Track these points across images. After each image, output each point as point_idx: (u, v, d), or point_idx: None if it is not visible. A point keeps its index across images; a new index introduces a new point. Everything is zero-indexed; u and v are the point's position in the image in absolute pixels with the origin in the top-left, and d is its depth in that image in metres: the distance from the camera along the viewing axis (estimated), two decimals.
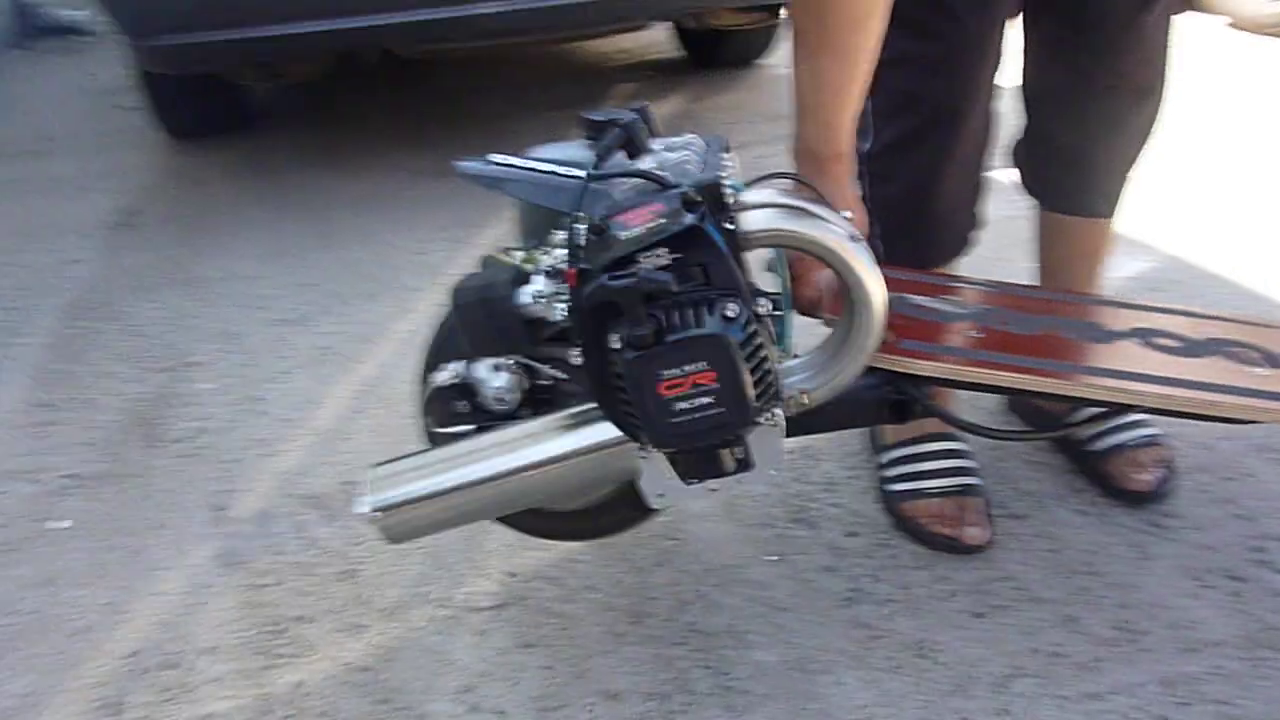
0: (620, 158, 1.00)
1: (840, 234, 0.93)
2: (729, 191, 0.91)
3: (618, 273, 0.85)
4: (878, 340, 0.98)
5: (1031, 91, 1.44)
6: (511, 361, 1.13)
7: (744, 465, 0.97)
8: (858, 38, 1.11)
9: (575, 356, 0.93)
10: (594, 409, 1.02)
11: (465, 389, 1.16)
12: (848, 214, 0.98)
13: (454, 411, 1.20)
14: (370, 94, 4.15)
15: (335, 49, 2.92)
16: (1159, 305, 1.28)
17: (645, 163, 1.01)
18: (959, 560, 1.38)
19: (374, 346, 2.07)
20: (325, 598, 1.39)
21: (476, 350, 1.02)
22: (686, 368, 0.86)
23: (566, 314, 0.95)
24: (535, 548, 1.45)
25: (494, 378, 1.13)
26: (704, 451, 0.95)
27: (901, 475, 1.47)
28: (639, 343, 0.86)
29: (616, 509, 1.22)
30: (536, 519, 1.23)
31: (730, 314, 0.86)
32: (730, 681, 1.21)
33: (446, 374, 1.15)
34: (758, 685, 1.20)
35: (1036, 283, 1.56)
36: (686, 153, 0.96)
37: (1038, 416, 1.58)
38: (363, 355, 2.04)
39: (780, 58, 4.21)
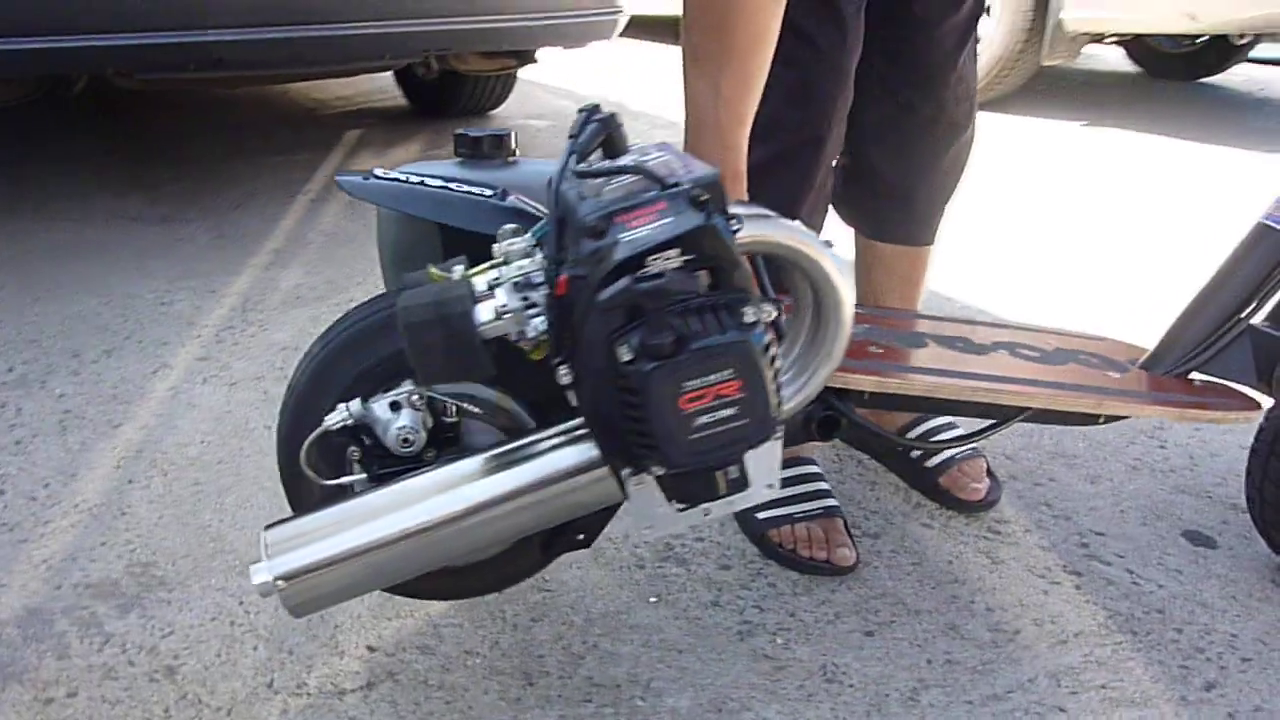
0: (596, 158, 0.90)
1: (819, 242, 0.90)
2: None
3: (638, 275, 0.76)
4: (845, 348, 0.95)
5: (857, 125, 1.51)
6: (414, 397, 1.00)
7: (739, 484, 0.89)
8: (758, 57, 1.11)
9: (564, 375, 0.83)
10: (547, 438, 0.92)
11: (360, 431, 1.01)
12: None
13: (342, 459, 1.04)
14: (71, 131, 3.66)
15: (43, 72, 2.53)
16: (999, 322, 1.37)
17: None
18: (834, 582, 1.38)
19: (131, 407, 1.78)
20: (141, 703, 1.15)
21: (426, 379, 0.88)
22: (711, 378, 0.78)
23: (546, 328, 0.85)
24: (390, 616, 1.29)
25: (397, 416, 0.99)
26: (702, 473, 0.87)
27: (765, 503, 1.45)
28: (658, 352, 0.77)
29: (522, 554, 1.10)
30: (434, 577, 1.08)
31: (749, 319, 0.79)
32: None
33: (338, 415, 0.99)
34: None
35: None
36: (665, 154, 0.89)
37: (876, 441, 1.64)
38: (117, 417, 1.74)
39: (512, 109, 4.21)
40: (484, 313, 0.87)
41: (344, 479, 1.04)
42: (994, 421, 1.22)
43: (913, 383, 1.11)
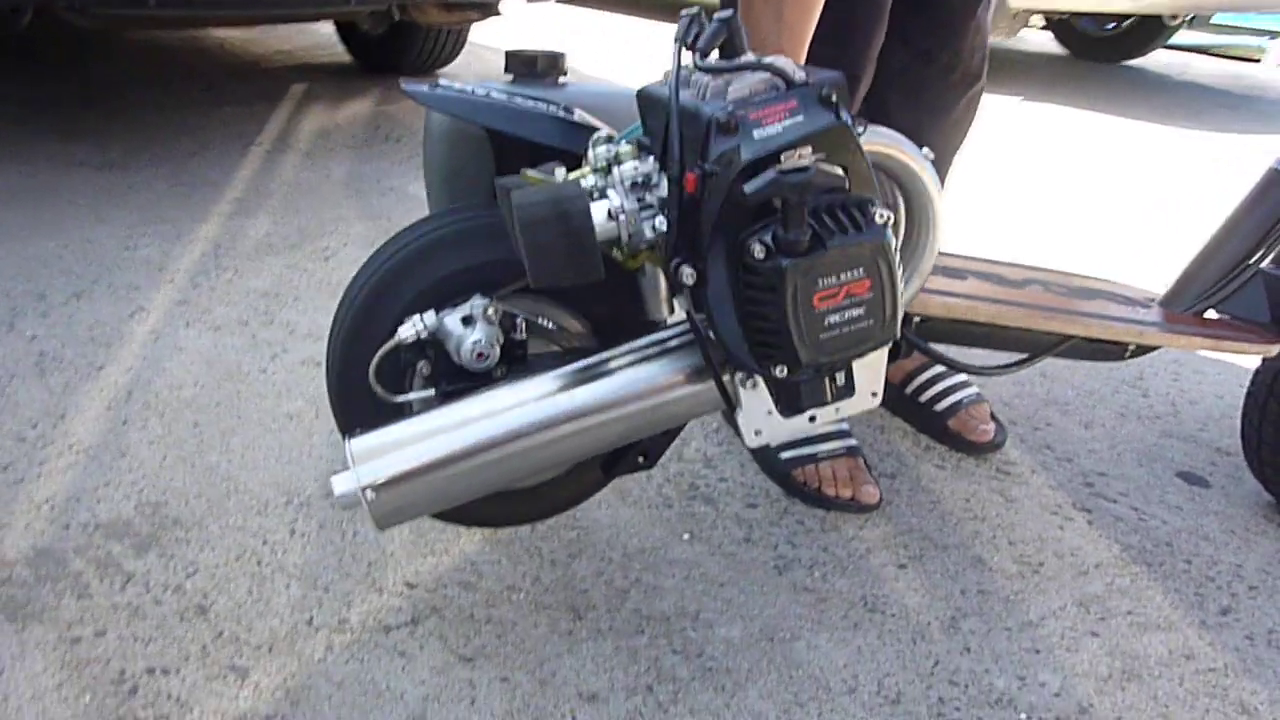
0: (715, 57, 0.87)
1: (922, 155, 0.90)
2: None
3: (784, 169, 0.75)
4: (933, 263, 0.95)
5: (875, 70, 1.52)
6: (489, 310, 0.97)
7: (845, 391, 0.89)
8: None
9: (687, 275, 0.81)
10: (642, 349, 0.91)
11: (428, 346, 0.98)
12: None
13: (399, 377, 1.01)
14: (4, 78, 3.46)
15: None
16: (1020, 263, 1.40)
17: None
18: (859, 519, 1.40)
19: (111, 349, 1.69)
20: (175, 641, 1.10)
21: (539, 278, 0.84)
22: (844, 276, 0.78)
23: (666, 227, 0.83)
24: (425, 553, 1.26)
25: (471, 330, 0.96)
26: (817, 377, 0.86)
27: (788, 443, 1.46)
28: (795, 249, 0.76)
29: (585, 475, 1.09)
30: (504, 500, 1.06)
31: (881, 218, 0.79)
32: (709, 662, 1.12)
33: (410, 328, 0.96)
34: (737, 661, 1.13)
35: None
36: (780, 58, 0.87)
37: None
38: (98, 359, 1.66)
39: (460, 68, 4.13)
40: (598, 213, 0.84)
41: (411, 395, 1.01)
42: (1029, 355, 1.25)
43: (977, 309, 1.13)
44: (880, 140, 0.87)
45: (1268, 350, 1.26)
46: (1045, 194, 3.00)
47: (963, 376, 1.64)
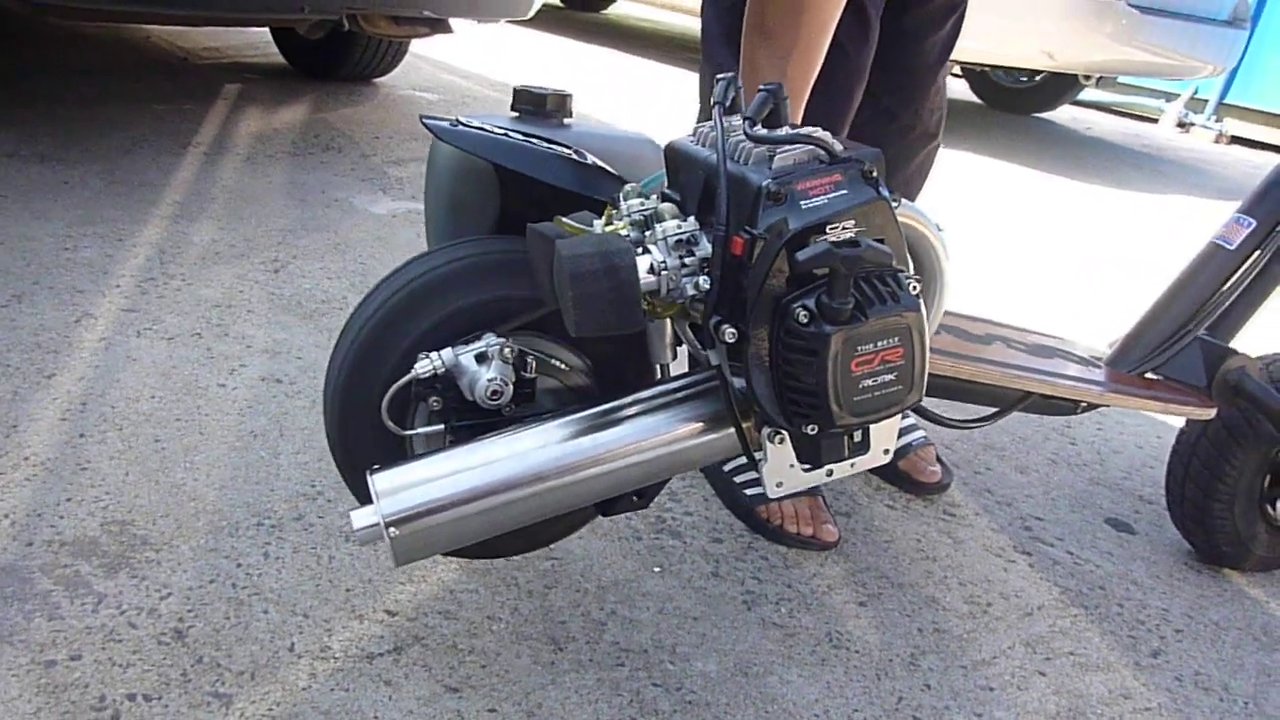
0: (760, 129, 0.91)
1: (934, 225, 0.95)
2: None
3: (838, 242, 0.79)
4: (938, 324, 1.01)
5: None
6: (505, 350, 0.99)
7: (861, 448, 0.93)
8: (822, 45, 1.17)
9: (728, 334, 0.85)
10: (660, 396, 0.95)
11: (443, 382, 0.99)
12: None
13: (415, 408, 1.02)
14: None
15: None
16: (990, 319, 1.48)
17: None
18: (820, 556, 1.46)
19: (60, 357, 1.64)
20: (154, 666, 1.08)
21: (581, 328, 0.86)
22: (880, 344, 0.82)
23: (708, 286, 0.86)
24: (402, 580, 1.26)
25: (486, 368, 0.98)
26: (842, 435, 0.91)
27: (754, 480, 1.51)
28: (838, 317, 0.80)
29: (579, 510, 1.11)
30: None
31: (915, 290, 0.84)
32: (689, 695, 1.16)
33: (426, 365, 0.98)
34: (715, 695, 1.16)
35: None
36: (818, 129, 0.91)
37: None
38: (47, 366, 1.61)
39: (398, 80, 4.10)
40: (640, 267, 0.87)
41: (420, 430, 1.02)
42: (998, 409, 1.32)
43: (959, 368, 1.19)
44: (906, 214, 0.93)
45: (1205, 413, 1.36)
46: (969, 243, 3.14)
47: (911, 420, 1.72)
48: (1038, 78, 5.54)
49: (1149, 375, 1.44)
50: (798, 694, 1.19)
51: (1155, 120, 6.41)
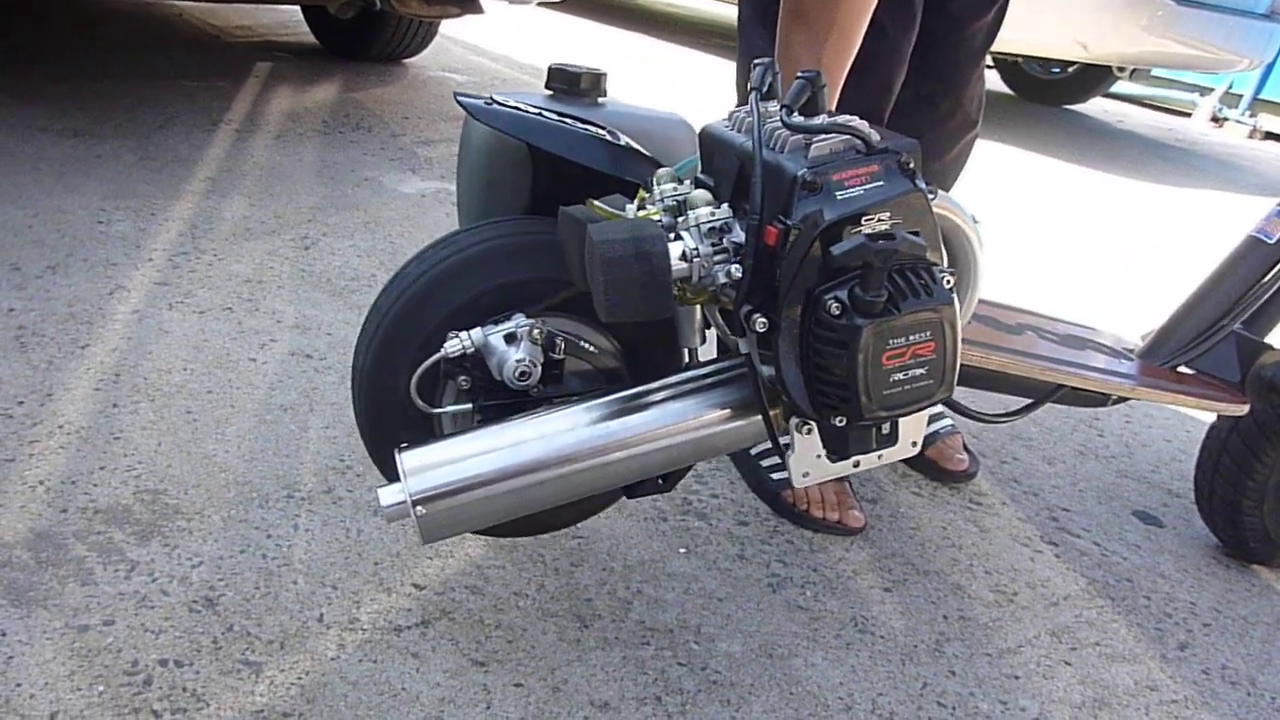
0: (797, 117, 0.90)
1: (970, 217, 0.95)
2: None
3: (873, 235, 0.79)
4: (971, 314, 1.00)
5: None
6: (534, 330, 0.99)
7: (889, 440, 0.93)
8: (859, 30, 1.16)
9: (759, 323, 0.84)
10: (689, 381, 0.95)
11: (472, 361, 0.99)
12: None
13: (443, 387, 1.02)
14: None
15: None
16: (1022, 308, 1.47)
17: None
18: (845, 541, 1.45)
19: (94, 328, 1.66)
20: (186, 633, 1.09)
21: (612, 313, 0.85)
22: (912, 337, 0.82)
23: (741, 275, 0.86)
24: (430, 555, 1.27)
25: (515, 349, 0.98)
26: (870, 427, 0.91)
27: (780, 464, 1.50)
28: (870, 310, 0.80)
29: (605, 492, 1.11)
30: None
31: (949, 284, 0.83)
32: (713, 676, 1.16)
33: (455, 344, 0.98)
34: (740, 676, 1.17)
35: None
36: (855, 119, 0.91)
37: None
38: (81, 337, 1.63)
39: (428, 60, 4.10)
40: (673, 254, 0.87)
41: (448, 408, 1.03)
42: (1030, 402, 1.31)
43: (988, 358, 1.19)
44: (942, 205, 0.91)
45: (1238, 409, 1.34)
46: (1001, 235, 3.11)
47: (939, 408, 1.71)
48: (1070, 69, 5.48)
49: (1181, 369, 1.42)
50: (822, 677, 1.19)
51: (1188, 114, 6.33)
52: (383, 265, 2.10)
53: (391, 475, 0.98)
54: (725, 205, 0.90)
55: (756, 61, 0.92)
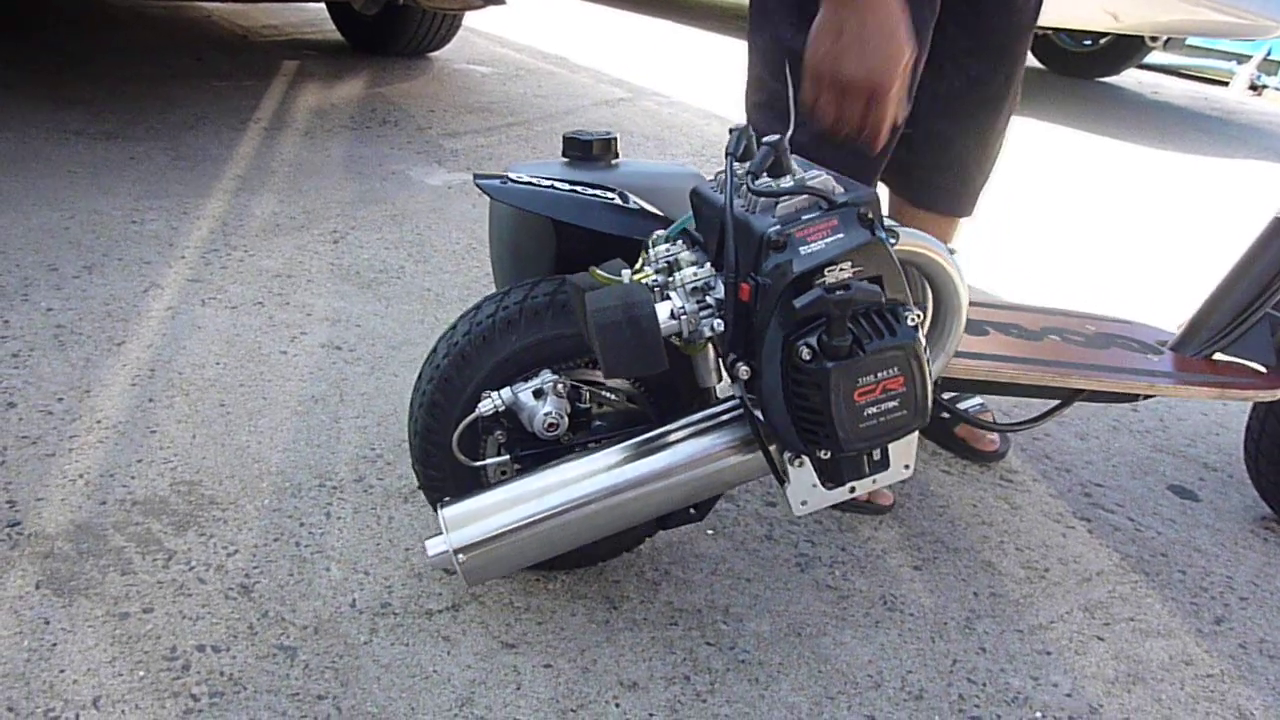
0: (765, 179, 0.95)
1: (946, 251, 0.98)
2: None
3: (829, 286, 0.86)
4: (958, 343, 1.03)
5: (926, 96, 1.49)
6: (558, 385, 1.06)
7: (881, 465, 0.99)
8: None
9: (743, 371, 0.92)
10: (696, 424, 1.03)
11: (507, 417, 1.08)
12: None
13: (488, 442, 1.12)
14: None
15: None
16: (1038, 308, 1.46)
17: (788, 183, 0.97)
18: (874, 520, 1.45)
19: (129, 325, 1.69)
20: (223, 620, 1.12)
21: (611, 372, 0.94)
22: (880, 374, 0.88)
23: (723, 328, 0.93)
24: None
25: (543, 403, 1.06)
26: (857, 456, 0.96)
27: None
28: (837, 354, 0.87)
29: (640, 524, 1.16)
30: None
31: (913, 322, 0.89)
32: (742, 655, 1.17)
33: (488, 403, 1.05)
34: (769, 655, 1.17)
35: None
36: (821, 174, 0.94)
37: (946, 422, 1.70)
38: (117, 334, 1.66)
39: (453, 53, 4.12)
40: (661, 313, 0.94)
41: (489, 461, 1.11)
42: (1054, 406, 1.31)
43: (999, 370, 1.19)
44: (911, 240, 0.97)
45: (1273, 394, 1.32)
46: (1036, 213, 3.08)
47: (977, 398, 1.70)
48: (1102, 41, 5.39)
49: (1216, 357, 1.40)
50: (851, 655, 1.19)
51: (1226, 83, 6.20)
52: (410, 257, 2.12)
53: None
54: (708, 265, 0.97)
55: (731, 128, 0.98)
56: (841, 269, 0.88)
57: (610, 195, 1.11)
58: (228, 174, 2.47)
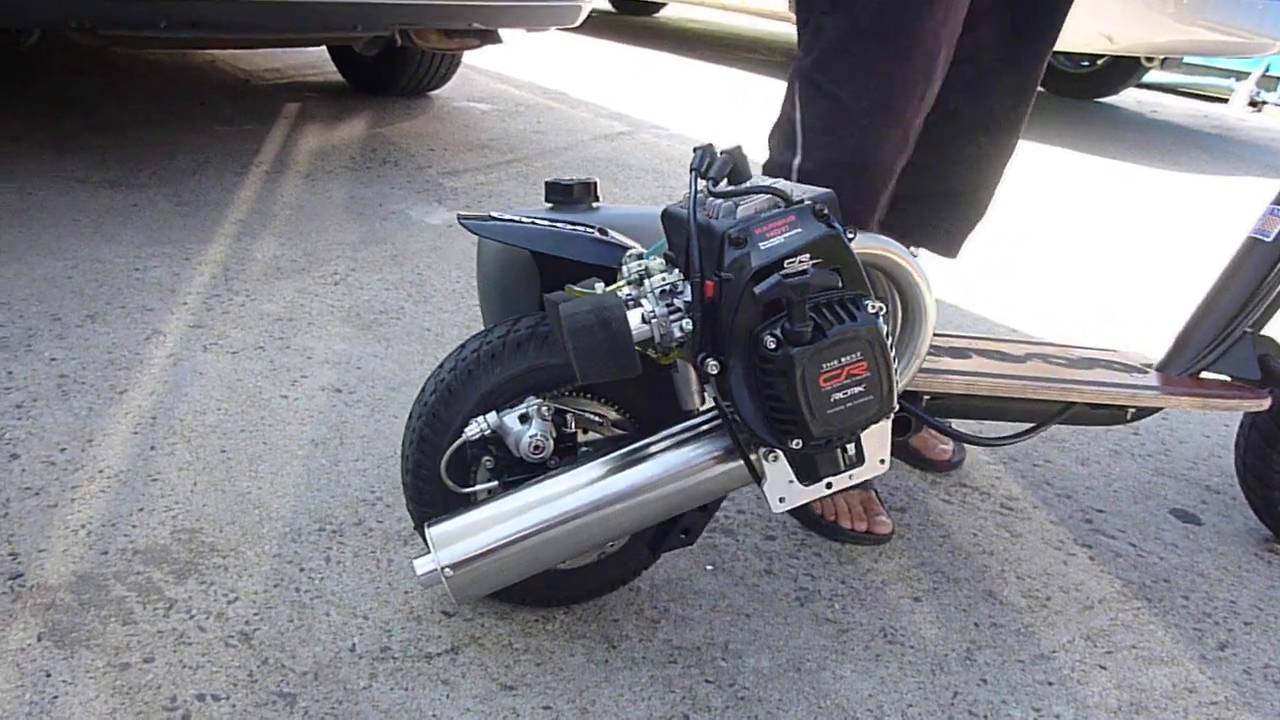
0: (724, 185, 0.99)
1: (908, 254, 1.01)
2: None
3: (786, 273, 0.89)
4: (927, 348, 1.05)
5: (938, 151, 1.48)
6: (542, 409, 1.08)
7: (856, 460, 1.01)
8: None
9: (712, 366, 0.94)
10: (675, 435, 1.04)
11: (493, 442, 1.09)
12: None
13: (476, 467, 1.13)
14: (2, 92, 3.46)
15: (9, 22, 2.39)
16: (1024, 338, 1.47)
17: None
18: (874, 551, 1.45)
19: (131, 373, 1.71)
20: (223, 668, 1.12)
21: (585, 376, 0.95)
22: (844, 359, 0.90)
23: (692, 327, 0.95)
24: None
25: (528, 427, 1.08)
26: (829, 450, 0.98)
27: None
28: (800, 339, 0.89)
29: (633, 554, 1.18)
30: (564, 579, 1.18)
31: (873, 310, 0.92)
32: (741, 692, 1.17)
33: (475, 428, 1.08)
34: (768, 691, 1.17)
35: None
36: (779, 180, 0.98)
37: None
38: (119, 383, 1.68)
39: (453, 91, 4.17)
40: (633, 318, 0.97)
41: (477, 486, 1.12)
42: (1034, 424, 1.32)
43: (977, 383, 1.20)
44: (874, 245, 1.01)
45: (1258, 406, 1.33)
46: (1038, 237, 3.09)
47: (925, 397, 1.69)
48: (1099, 62, 5.42)
49: (1203, 375, 1.41)
50: (851, 689, 1.19)
51: (1225, 100, 6.23)
52: (410, 297, 2.14)
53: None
54: (676, 270, 0.99)
55: (695, 147, 1.01)
56: (800, 261, 0.90)
57: (590, 229, 1.14)
58: (229, 218, 2.50)
